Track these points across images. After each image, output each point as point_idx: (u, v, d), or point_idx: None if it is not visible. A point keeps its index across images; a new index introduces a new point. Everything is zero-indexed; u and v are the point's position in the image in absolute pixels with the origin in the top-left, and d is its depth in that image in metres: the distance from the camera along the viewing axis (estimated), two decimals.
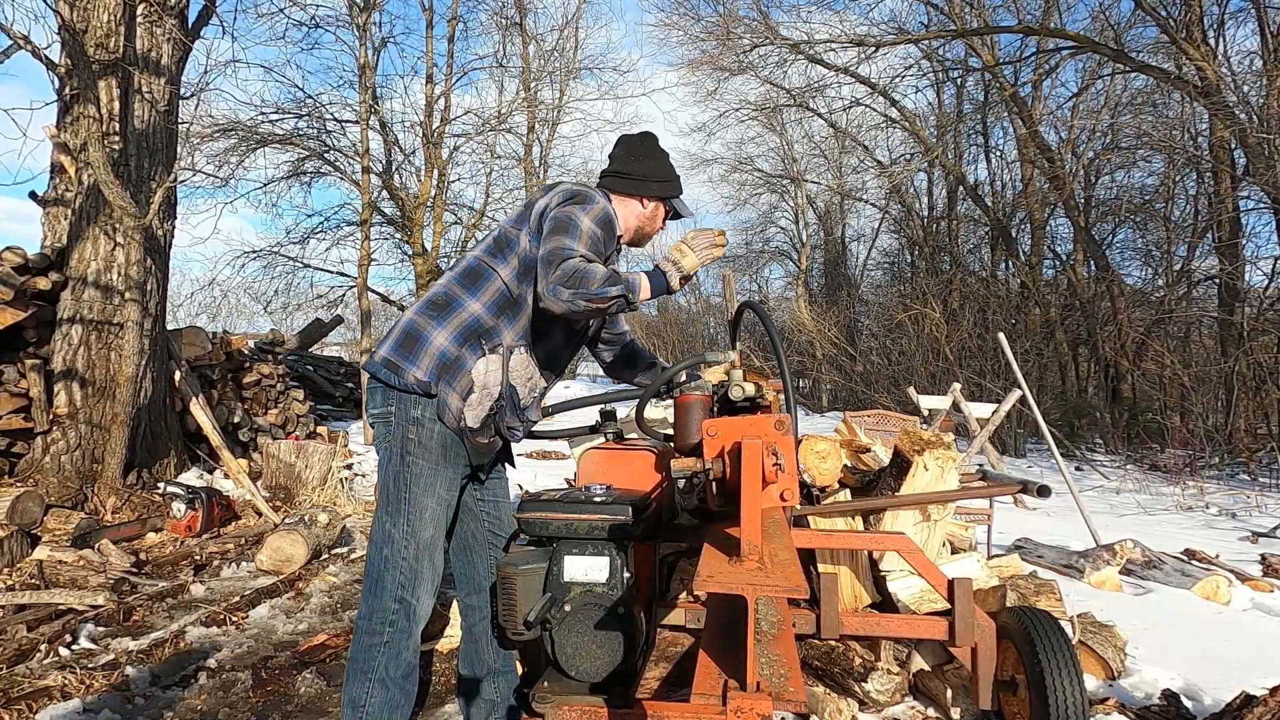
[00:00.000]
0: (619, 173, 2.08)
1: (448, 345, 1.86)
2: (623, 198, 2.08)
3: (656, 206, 2.11)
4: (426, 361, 1.84)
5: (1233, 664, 2.75)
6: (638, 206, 2.09)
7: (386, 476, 1.85)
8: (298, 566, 4.03)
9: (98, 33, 4.80)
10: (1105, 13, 11.78)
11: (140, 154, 5.18)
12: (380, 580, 1.82)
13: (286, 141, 11.86)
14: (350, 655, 1.83)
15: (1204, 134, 12.01)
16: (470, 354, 1.86)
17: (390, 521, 1.82)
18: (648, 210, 2.10)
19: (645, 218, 2.11)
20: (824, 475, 2.64)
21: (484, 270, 1.92)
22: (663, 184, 2.09)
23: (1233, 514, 6.92)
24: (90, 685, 2.54)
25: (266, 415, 7.28)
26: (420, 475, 1.83)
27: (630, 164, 2.08)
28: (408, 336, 1.87)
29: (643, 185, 2.07)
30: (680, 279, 1.92)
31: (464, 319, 1.88)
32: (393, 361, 1.85)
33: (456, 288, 1.91)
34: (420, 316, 1.89)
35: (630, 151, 2.10)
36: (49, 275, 4.86)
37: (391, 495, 1.83)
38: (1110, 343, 12.97)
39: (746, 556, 1.35)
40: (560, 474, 6.65)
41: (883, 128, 18.72)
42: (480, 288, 1.90)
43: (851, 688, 2.34)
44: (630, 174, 2.07)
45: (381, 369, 1.86)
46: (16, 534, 3.82)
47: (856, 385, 15.73)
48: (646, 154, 2.10)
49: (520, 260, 1.91)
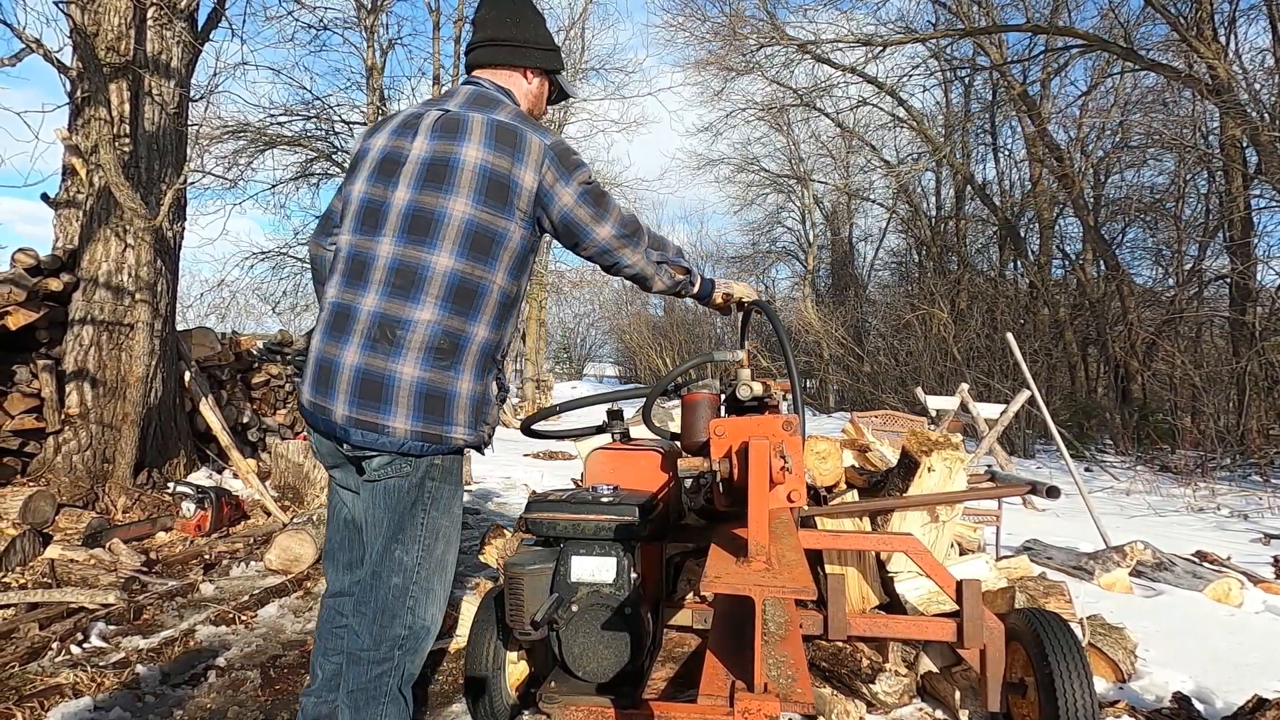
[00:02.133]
0: (495, 40, 1.72)
1: (474, 387, 1.61)
2: (507, 71, 1.74)
3: (542, 81, 1.79)
4: (463, 416, 1.59)
5: (1245, 667, 2.72)
6: (523, 81, 1.76)
7: (397, 506, 1.61)
8: (306, 566, 4.05)
9: (108, 36, 4.84)
10: (1115, 10, 11.72)
11: (150, 156, 5.21)
12: (389, 609, 1.61)
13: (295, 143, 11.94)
14: (353, 687, 1.60)
15: (1215, 132, 11.92)
16: (490, 380, 1.66)
17: (402, 549, 1.61)
18: (533, 85, 1.77)
19: (533, 95, 1.78)
20: (824, 475, 2.63)
21: (476, 284, 1.58)
22: (547, 52, 1.76)
23: (1244, 515, 6.86)
24: (101, 683, 2.56)
25: (275, 415, 7.32)
26: (440, 498, 1.65)
27: (507, 28, 1.72)
28: (429, 399, 1.56)
29: (526, 54, 1.73)
30: (723, 294, 1.96)
31: (476, 353, 1.60)
32: (428, 434, 1.56)
33: (454, 320, 1.57)
34: (431, 372, 1.56)
35: (503, 12, 1.74)
36: (61, 276, 4.90)
37: (406, 522, 1.62)
38: (1120, 343, 12.88)
39: (754, 557, 1.35)
40: (567, 474, 6.65)
41: (890, 127, 18.69)
42: (479, 308, 1.59)
43: (859, 689, 2.33)
44: (510, 40, 1.72)
45: (417, 443, 1.56)
46: (29, 533, 3.85)
47: (864, 386, 15.69)
48: (522, 15, 1.75)
49: (513, 254, 1.61)
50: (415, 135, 1.64)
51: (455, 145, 1.58)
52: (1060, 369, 14.22)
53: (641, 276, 1.76)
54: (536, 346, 18.91)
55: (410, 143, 1.63)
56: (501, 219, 1.58)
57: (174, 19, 5.13)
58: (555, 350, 34.71)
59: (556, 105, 1.97)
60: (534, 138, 1.59)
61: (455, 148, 1.58)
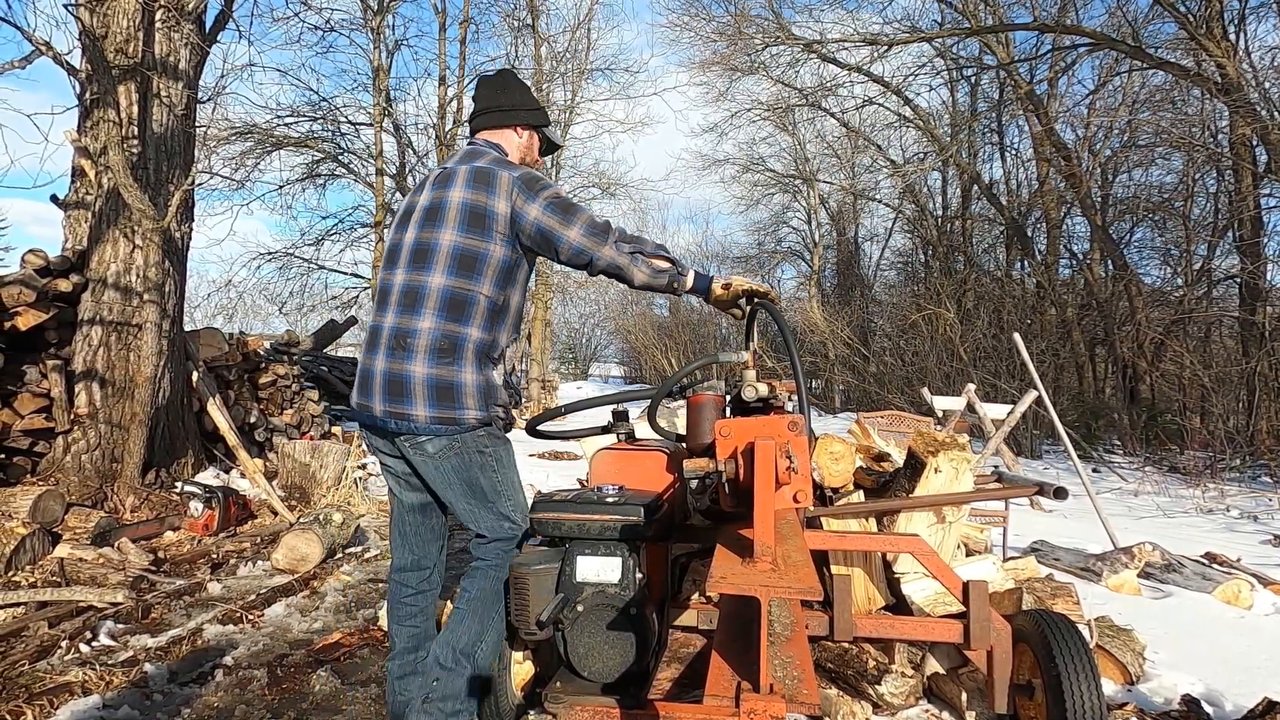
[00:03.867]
0: (487, 109, 2.21)
1: (477, 377, 1.96)
2: (499, 130, 2.22)
3: (530, 135, 2.25)
4: (471, 400, 1.94)
5: (1254, 669, 2.70)
6: (514, 136, 2.23)
7: (469, 477, 1.97)
8: (313, 565, 4.07)
9: (117, 38, 4.87)
10: (1123, 9, 11.66)
11: (158, 157, 5.24)
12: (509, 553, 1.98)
13: (301, 144, 11.99)
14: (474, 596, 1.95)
15: (1224, 131, 11.84)
16: (491, 370, 2.00)
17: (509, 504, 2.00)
18: (523, 139, 2.24)
19: (523, 147, 2.25)
20: (835, 477, 2.62)
21: (465, 295, 1.94)
22: (531, 111, 2.23)
23: (1254, 517, 6.81)
24: (110, 682, 2.57)
25: (282, 415, 7.35)
26: (502, 457, 2.02)
27: (496, 99, 2.21)
28: (439, 389, 1.92)
29: (512, 115, 2.20)
30: (722, 285, 2.04)
31: (473, 349, 1.96)
32: (444, 418, 1.92)
33: (450, 326, 1.93)
34: (437, 368, 1.92)
35: (493, 89, 2.24)
36: (70, 277, 4.93)
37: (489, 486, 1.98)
38: (1128, 343, 12.81)
39: (760, 558, 1.34)
40: (572, 474, 6.66)
41: (896, 127, 18.64)
42: (470, 314, 1.95)
43: (865, 690, 2.32)
44: (498, 107, 2.20)
45: (437, 427, 1.92)
46: (38, 532, 3.88)
47: (869, 386, 15.64)
48: (508, 87, 2.24)
49: (496, 269, 1.97)
50: (423, 190, 2.09)
51: (446, 191, 2.02)
52: (1068, 369, 14.15)
53: (616, 268, 1.98)
54: (542, 347, 18.93)
55: (419, 196, 2.09)
56: (483, 242, 1.96)
57: (182, 21, 5.16)
58: (560, 350, 34.75)
59: (547, 154, 2.40)
60: (504, 174, 1.99)
61: (446, 193, 2.01)
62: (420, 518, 2.16)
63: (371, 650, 2.99)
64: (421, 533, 2.17)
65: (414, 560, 2.17)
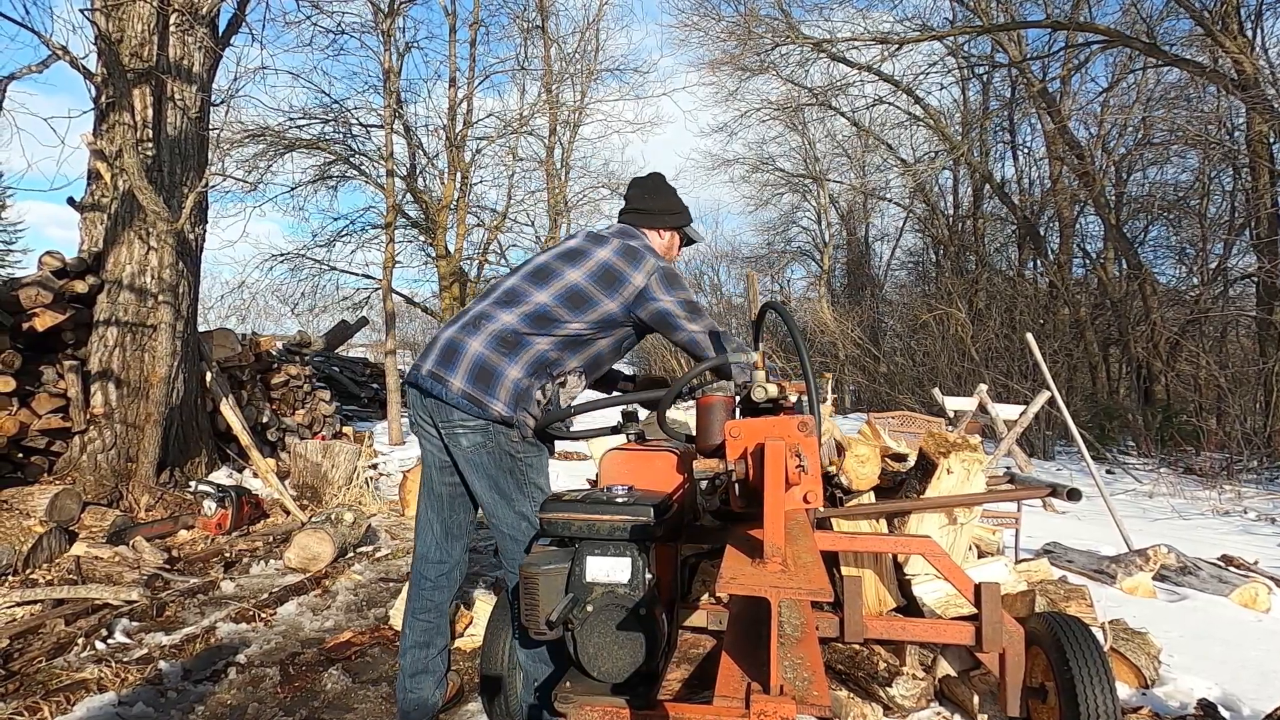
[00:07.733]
0: (636, 209, 2.40)
1: (520, 377, 2.04)
2: (646, 230, 2.40)
3: (672, 236, 2.44)
4: (504, 395, 2.02)
5: (1272, 673, 2.67)
6: (656, 238, 2.41)
7: (497, 474, 2.05)
8: (324, 564, 4.09)
9: (132, 42, 4.93)
10: (1137, 5, 11.53)
11: (173, 160, 5.30)
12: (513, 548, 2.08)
13: (313, 146, 12.05)
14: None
15: (1240, 128, 11.69)
16: (538, 382, 2.08)
17: (531, 506, 2.05)
18: (665, 240, 2.43)
19: (663, 247, 2.42)
20: (861, 480, 2.61)
21: (555, 318, 2.08)
22: (675, 215, 2.42)
23: (1272, 519, 6.72)
24: (125, 679, 2.60)
25: (294, 415, 7.40)
26: (534, 463, 2.10)
27: (645, 201, 2.40)
28: (481, 370, 2.02)
29: (658, 218, 2.39)
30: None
31: (533, 355, 2.06)
32: (472, 395, 2.02)
33: (526, 329, 2.06)
34: (492, 353, 2.04)
35: (643, 190, 2.43)
36: (86, 279, 4.99)
37: (514, 486, 2.06)
38: (1142, 343, 12.68)
39: (770, 559, 1.34)
40: (582, 475, 6.66)
41: (906, 126, 18.52)
42: (549, 331, 2.08)
43: (876, 692, 2.31)
44: (646, 209, 2.39)
45: (463, 400, 2.02)
46: (55, 531, 3.92)
47: (880, 386, 15.56)
48: (657, 191, 2.43)
49: (600, 317, 2.11)
50: (574, 237, 2.28)
51: (594, 248, 2.20)
52: (1081, 369, 14.01)
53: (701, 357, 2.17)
54: None
55: (568, 240, 2.29)
56: (602, 294, 2.12)
57: (196, 25, 5.21)
58: None
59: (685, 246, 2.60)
60: (652, 260, 2.20)
61: (593, 249, 2.20)
62: (449, 512, 2.23)
63: (382, 649, 3.01)
64: (449, 525, 2.24)
65: (436, 550, 2.25)
